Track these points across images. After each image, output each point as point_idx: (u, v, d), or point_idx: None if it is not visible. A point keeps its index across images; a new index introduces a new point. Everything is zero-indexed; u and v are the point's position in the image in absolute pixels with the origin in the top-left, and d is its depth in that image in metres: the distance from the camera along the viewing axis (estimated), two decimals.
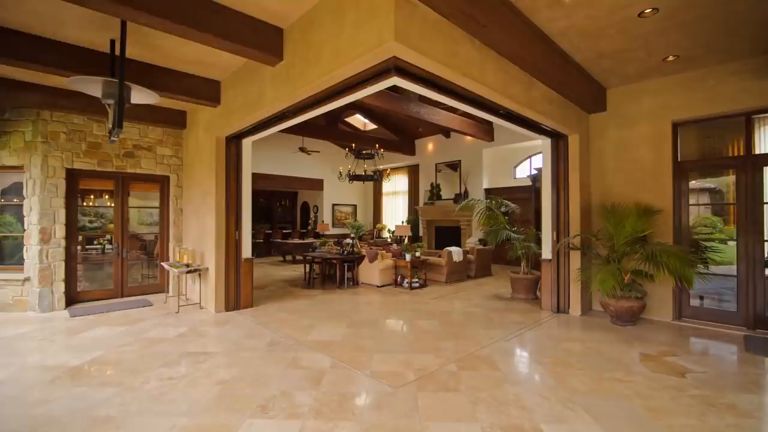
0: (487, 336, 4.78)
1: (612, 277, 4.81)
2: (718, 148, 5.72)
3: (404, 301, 6.80)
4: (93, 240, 8.25)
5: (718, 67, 5.05)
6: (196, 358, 4.03)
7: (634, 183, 5.76)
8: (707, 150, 5.78)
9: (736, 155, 5.29)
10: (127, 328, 5.12)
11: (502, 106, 4.36)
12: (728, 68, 4.98)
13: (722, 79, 5.03)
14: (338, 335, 4.79)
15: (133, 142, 6.85)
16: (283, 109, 4.48)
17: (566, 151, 5.89)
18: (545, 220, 6.16)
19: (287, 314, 5.85)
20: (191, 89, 5.41)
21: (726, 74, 5.00)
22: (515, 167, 12.20)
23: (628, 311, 5.12)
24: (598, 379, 3.50)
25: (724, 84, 5.01)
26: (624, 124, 5.88)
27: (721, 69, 5.03)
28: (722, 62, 4.96)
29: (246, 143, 6.14)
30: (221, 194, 5.90)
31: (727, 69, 4.99)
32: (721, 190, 6.24)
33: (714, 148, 5.75)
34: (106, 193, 6.97)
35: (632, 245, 5.17)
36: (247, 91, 4.95)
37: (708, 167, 5.77)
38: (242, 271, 6.06)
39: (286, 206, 17.18)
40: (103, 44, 4.44)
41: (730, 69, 4.97)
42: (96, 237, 7.68)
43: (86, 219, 7.76)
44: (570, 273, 5.83)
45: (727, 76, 4.99)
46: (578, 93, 5.38)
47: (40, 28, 4.10)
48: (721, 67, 5.02)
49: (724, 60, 4.90)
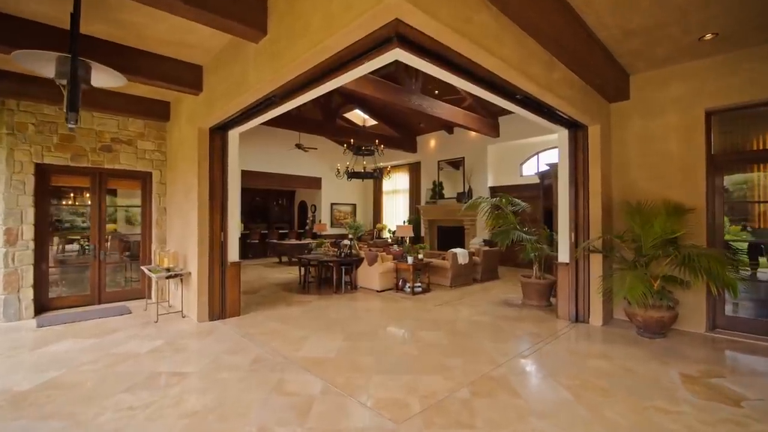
0: (500, 351, 4.22)
1: (641, 283, 4.25)
2: (740, 142, 5.10)
3: (406, 308, 6.24)
4: (72, 241, 7.70)
5: (758, 48, 4.49)
6: (166, 380, 3.47)
7: (661, 178, 5.20)
8: (728, 144, 5.15)
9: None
10: (96, 340, 4.57)
11: (520, 89, 3.80)
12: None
13: (766, 61, 4.47)
14: (332, 350, 4.24)
15: (111, 135, 6.29)
16: (268, 93, 3.92)
17: (585, 144, 5.33)
18: (561, 220, 5.60)
19: (278, 324, 5.30)
20: (169, 74, 4.85)
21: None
22: (522, 164, 11.63)
23: (658, 322, 4.56)
24: (640, 409, 2.94)
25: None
26: (649, 114, 5.32)
27: (763, 50, 4.47)
28: (765, 42, 4.40)
29: (232, 135, 5.58)
30: (204, 191, 5.34)
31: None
32: (728, 188, 5.58)
33: (735, 142, 5.13)
34: (87, 191, 6.42)
35: (662, 248, 4.61)
36: (229, 75, 4.39)
37: (746, 161, 5.14)
38: (228, 276, 5.50)
39: (283, 205, 16.60)
40: (64, 19, 3.88)
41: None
42: (74, 238, 7.14)
43: (66, 219, 7.22)
44: (590, 278, 5.27)
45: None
46: (601, 78, 4.82)
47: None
48: (763, 48, 4.46)
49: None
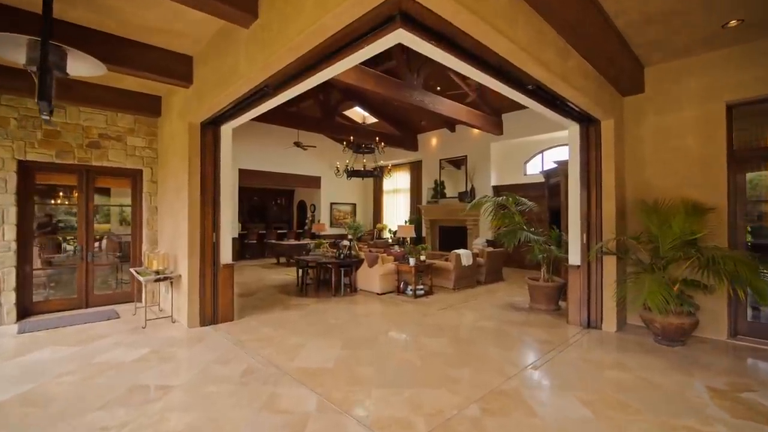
0: (509, 360, 3.93)
1: (662, 288, 3.96)
2: (764, 136, 4.82)
3: (408, 312, 5.95)
4: (59, 242, 7.42)
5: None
6: (148, 394, 3.19)
7: (678, 176, 4.91)
8: (751, 139, 4.86)
9: None
10: (79, 348, 4.28)
11: (532, 77, 3.50)
12: None
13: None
14: (330, 359, 3.95)
15: (99, 130, 6.00)
16: (261, 83, 3.63)
17: (598, 140, 5.04)
18: (572, 220, 5.31)
19: (273, 330, 5.01)
20: (157, 64, 4.56)
21: None
22: (526, 163, 11.34)
23: (678, 329, 4.27)
24: (668, 429, 2.65)
25: None
26: (666, 108, 5.03)
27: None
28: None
29: (225, 131, 5.30)
30: (195, 189, 5.06)
31: None
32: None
33: (759, 137, 4.83)
34: (74, 190, 6.14)
35: (681, 250, 4.32)
36: (220, 64, 4.11)
37: None
38: (221, 278, 5.21)
39: (281, 205, 16.32)
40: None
41: None
42: (61, 239, 6.85)
43: (52, 219, 6.94)
44: (603, 281, 4.98)
45: None
46: (616, 68, 4.53)
47: None
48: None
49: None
